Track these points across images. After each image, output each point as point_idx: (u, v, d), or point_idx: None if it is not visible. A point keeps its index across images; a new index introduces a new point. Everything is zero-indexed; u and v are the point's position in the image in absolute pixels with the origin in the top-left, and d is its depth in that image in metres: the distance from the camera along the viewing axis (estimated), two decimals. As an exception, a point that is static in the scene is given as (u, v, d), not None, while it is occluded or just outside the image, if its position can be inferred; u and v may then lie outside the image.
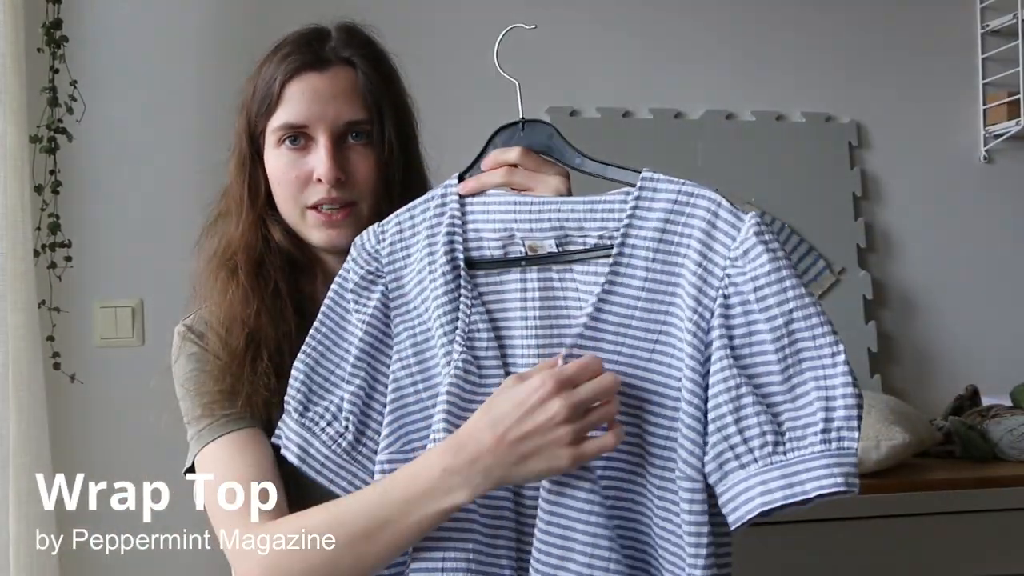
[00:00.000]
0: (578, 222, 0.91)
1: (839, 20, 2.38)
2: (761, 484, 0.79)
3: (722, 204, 0.86)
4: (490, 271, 0.94)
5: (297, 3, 2.07)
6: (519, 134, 1.00)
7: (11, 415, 1.69)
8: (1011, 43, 2.35)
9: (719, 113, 2.31)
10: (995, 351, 2.38)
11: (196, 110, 2.08)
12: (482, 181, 0.97)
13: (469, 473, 0.85)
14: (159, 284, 2.03)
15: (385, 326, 0.98)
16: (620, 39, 2.29)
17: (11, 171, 1.72)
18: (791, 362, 0.81)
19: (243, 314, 1.06)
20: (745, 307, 0.83)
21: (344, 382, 0.98)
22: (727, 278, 0.84)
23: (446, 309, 0.93)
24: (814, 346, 0.81)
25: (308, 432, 0.97)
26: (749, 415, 0.81)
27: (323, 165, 1.04)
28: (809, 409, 0.80)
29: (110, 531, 2.11)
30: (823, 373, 0.80)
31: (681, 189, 0.89)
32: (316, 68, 1.06)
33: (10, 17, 1.72)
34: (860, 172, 2.36)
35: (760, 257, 0.82)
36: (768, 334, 0.82)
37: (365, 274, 0.99)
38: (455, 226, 0.95)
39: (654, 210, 0.89)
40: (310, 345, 0.99)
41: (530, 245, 0.92)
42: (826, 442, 0.78)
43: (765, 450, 0.80)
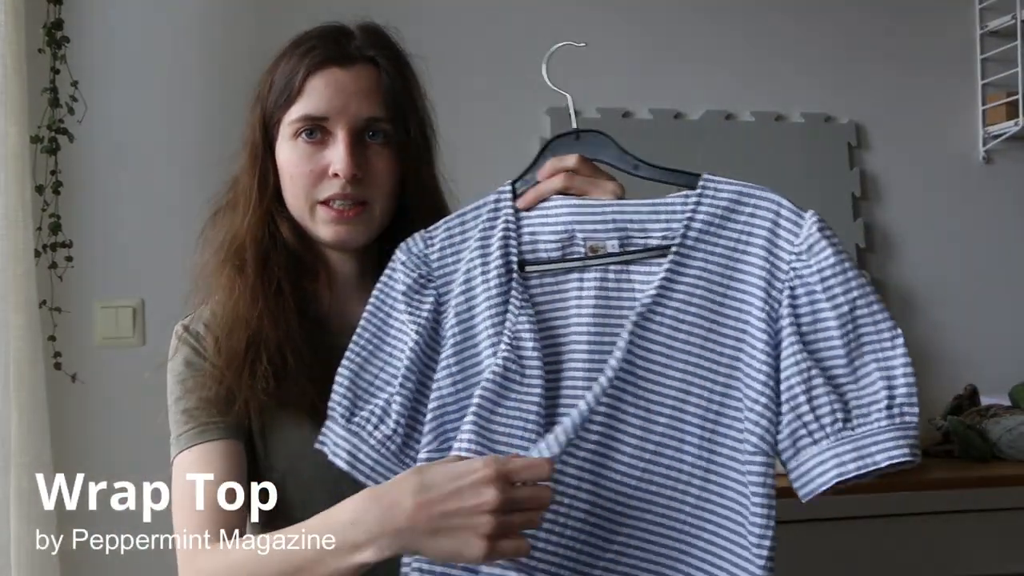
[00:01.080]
0: (641, 223, 0.95)
1: (839, 20, 2.38)
2: (835, 457, 0.85)
3: (783, 203, 0.93)
4: (545, 273, 0.96)
5: (297, 3, 2.08)
6: (574, 143, 1.02)
7: (12, 415, 1.69)
8: (1010, 44, 2.35)
9: (719, 113, 2.31)
10: (994, 351, 2.39)
11: (196, 110, 2.08)
12: (540, 191, 0.99)
13: (378, 530, 0.82)
14: (160, 284, 2.03)
15: (435, 331, 0.98)
16: (620, 39, 2.29)
17: (12, 171, 1.73)
18: (854, 346, 0.88)
19: (247, 314, 1.05)
20: (811, 297, 0.89)
21: (391, 385, 0.97)
22: (793, 271, 0.90)
23: (496, 311, 0.95)
24: (875, 331, 0.88)
25: (356, 437, 0.96)
26: (820, 395, 0.87)
27: (341, 160, 1.03)
28: (872, 387, 0.87)
29: (110, 531, 2.11)
30: (884, 355, 0.87)
31: (742, 190, 0.95)
32: (340, 63, 1.05)
33: (11, 18, 1.73)
34: (859, 172, 2.37)
35: (825, 251, 0.89)
36: (834, 320, 0.88)
37: (417, 278, 0.99)
38: (510, 231, 0.97)
39: (715, 210, 0.94)
40: (353, 351, 0.99)
41: (591, 246, 0.95)
42: (891, 417, 0.85)
43: (836, 426, 0.86)
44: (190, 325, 1.11)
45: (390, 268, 1.01)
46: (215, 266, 1.09)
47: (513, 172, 2.44)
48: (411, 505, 0.81)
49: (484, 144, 2.15)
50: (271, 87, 1.08)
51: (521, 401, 0.91)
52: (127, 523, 2.13)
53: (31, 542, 1.71)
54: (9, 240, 1.71)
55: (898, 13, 2.41)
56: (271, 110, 1.07)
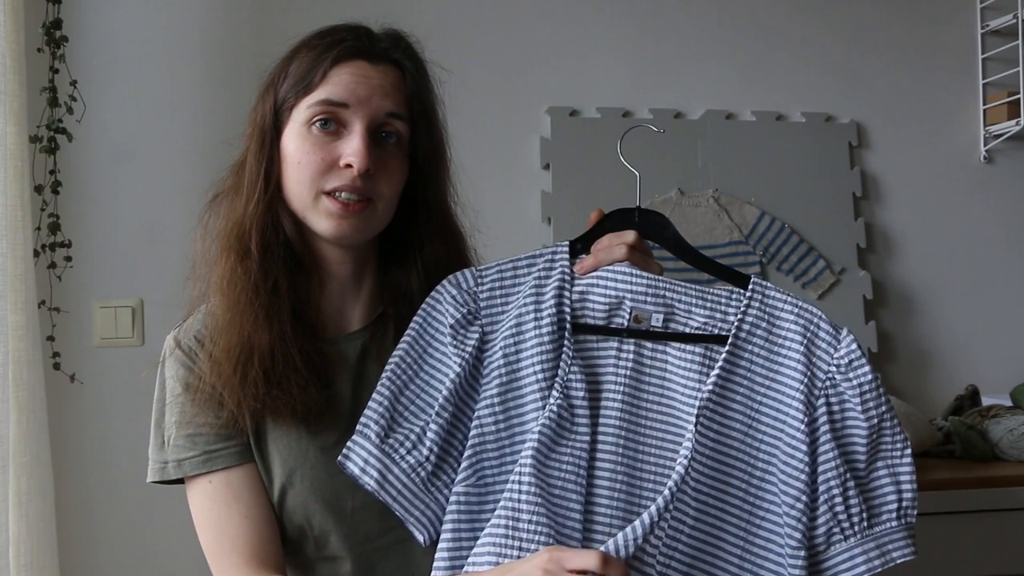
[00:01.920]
0: (687, 305, 1.02)
1: (839, 20, 2.38)
2: (863, 553, 0.97)
3: (822, 318, 1.02)
4: (588, 337, 1.02)
5: (297, 3, 2.08)
6: (633, 221, 1.06)
7: (11, 415, 1.68)
8: (1011, 43, 2.35)
9: (719, 113, 2.31)
10: (995, 351, 2.39)
11: (196, 110, 2.08)
12: (600, 259, 1.03)
13: None
14: (159, 284, 2.03)
15: (476, 367, 1.02)
16: (621, 39, 2.29)
17: (11, 171, 1.72)
18: (872, 454, 0.99)
19: (242, 315, 1.04)
20: (843, 406, 0.99)
21: (427, 412, 1.01)
22: (830, 381, 1.00)
23: (547, 363, 1.00)
24: (891, 443, 0.99)
25: (388, 459, 0.99)
26: (852, 496, 0.98)
27: (357, 152, 1.02)
28: (883, 491, 0.99)
29: (110, 530, 2.12)
30: (895, 464, 0.99)
31: (787, 299, 1.03)
32: (368, 58, 1.05)
33: (10, 17, 1.72)
34: (860, 172, 2.36)
35: (863, 367, 1.00)
36: (863, 431, 0.99)
37: (466, 313, 1.03)
38: (564, 289, 1.03)
39: (762, 315, 1.02)
40: (395, 372, 1.02)
41: (636, 315, 1.02)
42: (899, 518, 0.98)
43: (862, 525, 0.98)
44: (183, 340, 1.09)
45: (436, 297, 1.04)
46: (216, 253, 1.08)
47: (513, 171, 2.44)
48: None
49: (484, 144, 2.15)
50: (286, 75, 1.06)
51: (573, 447, 0.98)
52: (127, 523, 2.13)
53: (31, 542, 1.71)
54: (8, 240, 1.71)
55: (899, 13, 2.41)
56: (285, 96, 1.06)
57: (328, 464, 1.05)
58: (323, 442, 1.06)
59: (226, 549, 1.03)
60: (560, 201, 2.22)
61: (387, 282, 1.13)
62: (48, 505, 1.79)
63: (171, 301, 2.05)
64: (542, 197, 2.23)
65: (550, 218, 2.22)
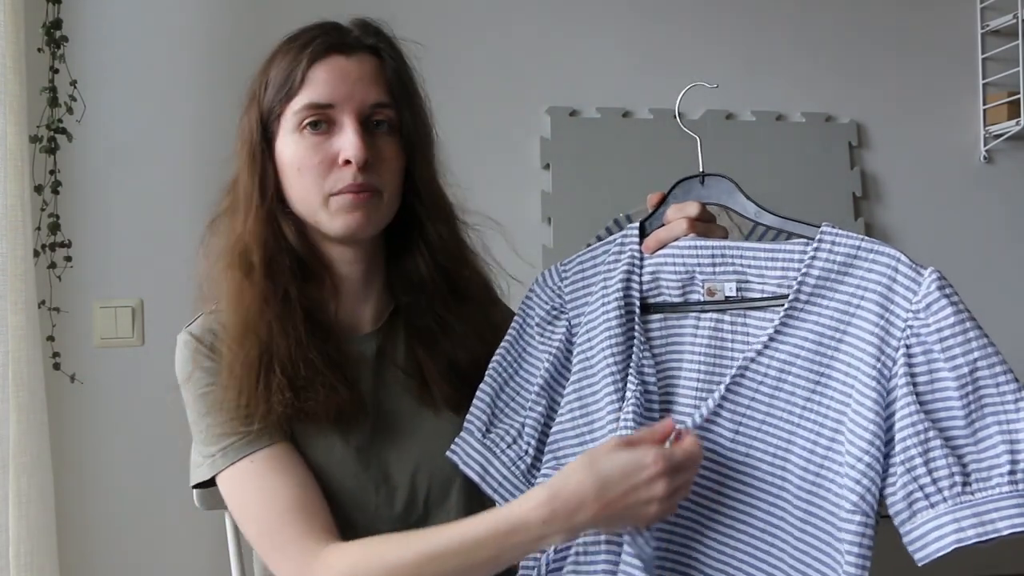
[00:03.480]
0: (759, 269, 0.96)
1: (839, 20, 2.38)
2: (954, 522, 0.84)
3: (901, 259, 0.91)
4: (669, 315, 1.00)
5: (296, 4, 2.08)
6: (698, 186, 1.05)
7: (11, 415, 1.68)
8: (1011, 43, 2.35)
9: (719, 113, 2.31)
10: (995, 351, 2.38)
11: (196, 110, 2.08)
12: (661, 237, 1.01)
13: (566, 525, 0.89)
14: (159, 284, 2.03)
15: (567, 359, 1.04)
16: (620, 39, 2.29)
17: (11, 171, 1.72)
18: (974, 408, 0.86)
19: (255, 324, 1.03)
20: (928, 356, 0.88)
21: (525, 409, 1.04)
22: (909, 329, 0.88)
23: (616, 348, 0.98)
24: (997, 393, 0.86)
25: (490, 452, 1.03)
26: (937, 457, 0.85)
27: (352, 145, 1.01)
28: (993, 451, 0.85)
29: (110, 531, 2.12)
30: (1007, 418, 0.85)
31: (861, 244, 0.93)
32: (342, 52, 1.04)
33: (10, 17, 1.72)
34: (860, 172, 2.36)
35: (944, 310, 0.87)
36: (953, 381, 0.86)
37: (550, 308, 1.06)
38: (633, 272, 1.01)
39: (832, 264, 0.93)
40: (496, 370, 1.06)
41: (709, 288, 0.98)
42: (1013, 483, 0.83)
43: (954, 490, 0.85)
44: (201, 335, 1.08)
45: (528, 298, 1.08)
46: (220, 271, 1.07)
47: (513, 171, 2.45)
48: (594, 506, 0.87)
49: (484, 143, 2.15)
50: (267, 85, 1.06)
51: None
52: (127, 524, 2.13)
53: (31, 542, 1.71)
54: (8, 240, 1.71)
55: (899, 13, 2.41)
56: (270, 106, 1.05)
57: (358, 465, 1.05)
58: (353, 443, 1.06)
59: (284, 520, 1.00)
60: (560, 201, 2.22)
61: (397, 275, 1.13)
62: (48, 505, 1.79)
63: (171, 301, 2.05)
64: (542, 197, 2.23)
65: (550, 218, 2.22)
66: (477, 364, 1.09)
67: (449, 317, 1.11)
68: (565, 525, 0.88)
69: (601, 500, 0.87)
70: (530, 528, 0.89)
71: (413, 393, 1.11)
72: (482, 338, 1.11)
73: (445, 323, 1.11)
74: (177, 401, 1.12)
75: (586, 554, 0.96)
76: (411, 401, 1.10)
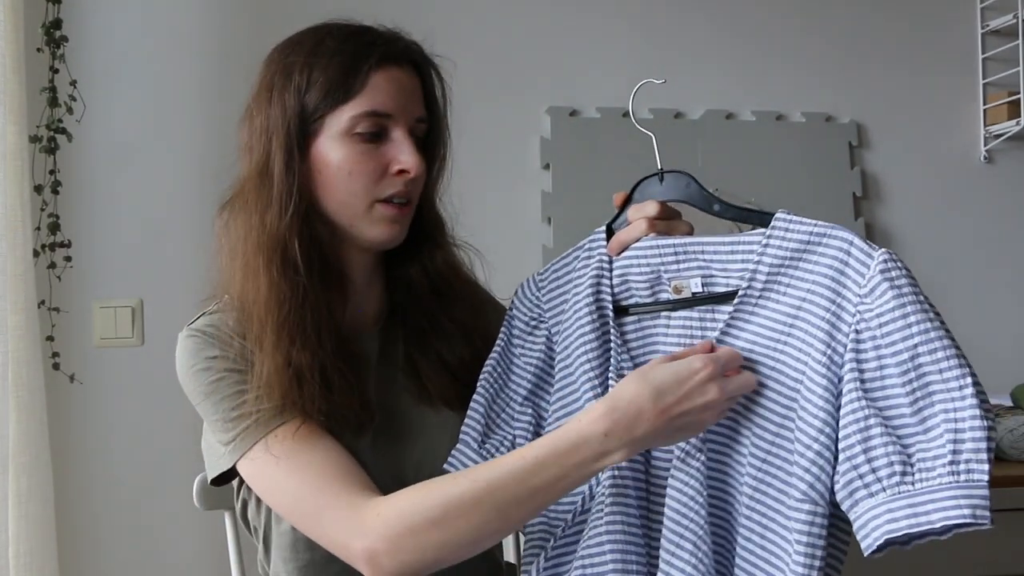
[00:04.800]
0: (722, 263, 0.96)
1: (839, 20, 2.38)
2: (888, 512, 0.81)
3: (854, 243, 0.89)
4: (642, 316, 1.00)
5: (296, 4, 2.07)
6: (657, 184, 1.05)
7: (11, 415, 1.68)
8: (1011, 43, 2.34)
9: (719, 113, 2.31)
10: (995, 351, 2.38)
11: (196, 110, 2.08)
12: (622, 240, 1.02)
13: (627, 437, 0.89)
14: (159, 284, 2.03)
15: (549, 367, 1.05)
16: (620, 39, 2.29)
17: (11, 171, 1.72)
18: (920, 395, 0.83)
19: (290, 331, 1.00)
20: (875, 342, 0.86)
21: (514, 420, 1.05)
22: (858, 314, 0.87)
23: (591, 352, 0.99)
24: (941, 379, 0.83)
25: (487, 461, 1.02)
26: (877, 446, 0.83)
27: (411, 157, 1.03)
28: (939, 441, 0.81)
29: (110, 530, 2.11)
30: (952, 405, 0.81)
31: (813, 230, 0.92)
32: (398, 62, 1.05)
33: (10, 17, 1.72)
34: (860, 172, 2.36)
35: (884, 295, 0.85)
36: (895, 368, 0.84)
37: (529, 319, 1.07)
38: (603, 275, 1.01)
39: (784, 251, 0.92)
40: (486, 381, 1.06)
41: (675, 285, 0.98)
42: (954, 474, 0.79)
43: (892, 480, 0.82)
44: (205, 329, 1.06)
45: (510, 309, 1.09)
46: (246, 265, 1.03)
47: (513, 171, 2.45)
48: (653, 413, 0.88)
49: (484, 144, 2.15)
50: (309, 80, 1.03)
51: None
52: (127, 523, 2.13)
53: (31, 542, 1.71)
54: (8, 240, 1.71)
55: (899, 12, 2.41)
56: (316, 104, 1.03)
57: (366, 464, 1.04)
58: (362, 444, 1.05)
59: (322, 483, 0.97)
60: (560, 201, 2.22)
61: (392, 277, 1.14)
62: (48, 505, 1.79)
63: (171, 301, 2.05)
64: (542, 197, 2.23)
65: (550, 218, 2.22)
66: (465, 364, 1.11)
67: (440, 317, 1.12)
68: (626, 437, 0.89)
69: (658, 406, 0.88)
70: (591, 443, 0.89)
71: (412, 391, 1.11)
72: (469, 340, 1.12)
73: (435, 322, 1.12)
74: (177, 401, 1.11)
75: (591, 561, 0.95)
76: (411, 399, 1.11)
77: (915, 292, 0.86)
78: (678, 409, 0.88)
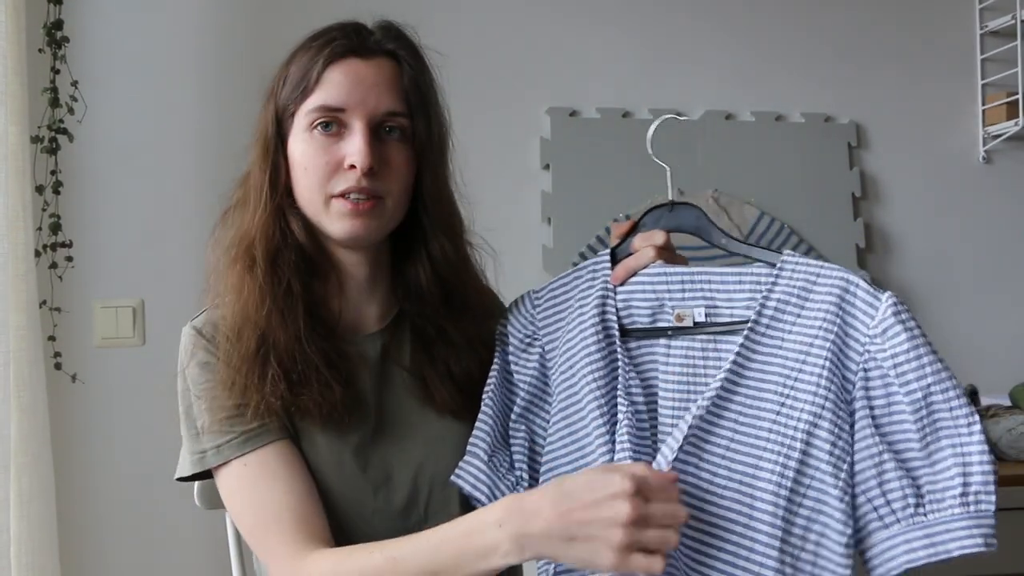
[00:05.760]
0: (727, 293, 0.98)
1: (839, 20, 2.39)
2: (905, 543, 0.86)
3: (860, 285, 0.93)
4: (641, 340, 1.01)
5: (296, 4, 2.08)
6: (667, 214, 1.06)
7: (12, 415, 1.69)
8: (1010, 44, 2.35)
9: (719, 113, 2.31)
10: (994, 351, 2.39)
11: (197, 110, 2.08)
12: (630, 266, 1.03)
13: (520, 531, 0.85)
14: (160, 284, 2.04)
15: (543, 385, 1.06)
16: (620, 39, 2.29)
17: (12, 171, 1.72)
18: (929, 431, 0.88)
19: (256, 315, 1.03)
20: (885, 380, 0.90)
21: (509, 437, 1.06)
22: (867, 353, 0.90)
23: (599, 375, 0.99)
24: (951, 417, 0.87)
25: (496, 474, 1.04)
26: (891, 479, 0.87)
27: (358, 151, 1.01)
28: (947, 474, 0.86)
29: (111, 530, 2.12)
30: (960, 441, 0.87)
31: (819, 272, 0.95)
32: (360, 55, 1.04)
33: (11, 18, 1.72)
34: (859, 172, 2.37)
35: (899, 336, 0.89)
36: (908, 406, 0.88)
37: (523, 336, 1.08)
38: (608, 297, 1.02)
39: (792, 290, 0.95)
40: (490, 397, 1.06)
41: (678, 314, 0.99)
42: (965, 505, 0.86)
43: (907, 512, 0.87)
44: (202, 328, 1.08)
45: (502, 324, 1.09)
46: (226, 265, 1.07)
47: (513, 171, 2.45)
48: (550, 512, 0.84)
49: (484, 144, 2.16)
50: (285, 80, 1.06)
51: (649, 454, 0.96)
52: (127, 522, 2.13)
53: (32, 542, 1.71)
54: (9, 240, 1.71)
55: (898, 13, 2.41)
56: (285, 103, 1.05)
57: (356, 464, 1.05)
58: (352, 442, 1.06)
59: (270, 527, 1.00)
60: (560, 201, 2.22)
61: (400, 280, 1.13)
62: (49, 505, 1.79)
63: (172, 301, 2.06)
64: (542, 197, 2.23)
65: (550, 218, 2.22)
66: (470, 375, 1.10)
67: (446, 326, 1.12)
68: (518, 530, 0.84)
69: (558, 508, 0.83)
70: (484, 531, 0.86)
71: (416, 394, 1.11)
72: (474, 350, 1.12)
73: (442, 331, 1.12)
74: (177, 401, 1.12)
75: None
76: (414, 402, 1.11)
77: (924, 335, 0.90)
78: (578, 516, 0.82)
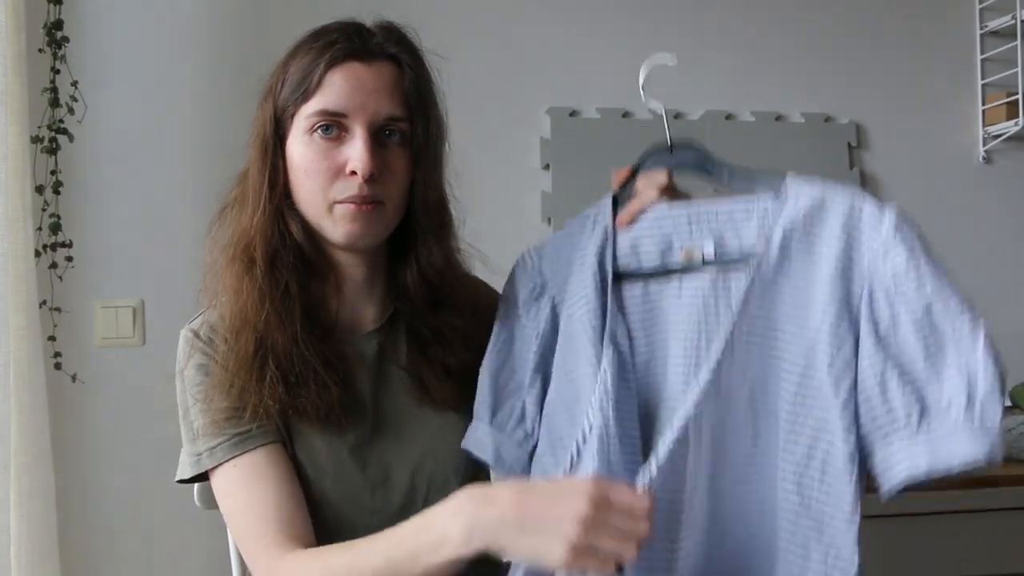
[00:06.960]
0: (735, 225, 0.96)
1: (839, 21, 2.39)
2: (907, 457, 0.85)
3: (865, 202, 0.91)
4: (650, 282, 0.99)
5: (296, 4, 2.08)
6: (667, 156, 1.05)
7: (12, 415, 1.69)
8: (1010, 44, 2.35)
9: (719, 113, 2.31)
10: (994, 351, 2.39)
11: (196, 110, 2.08)
12: (634, 209, 1.02)
13: (473, 522, 0.84)
14: (160, 284, 2.04)
15: (555, 335, 1.04)
16: (620, 39, 2.29)
17: (12, 171, 1.72)
18: (932, 345, 0.86)
19: (254, 318, 1.03)
20: (888, 296, 0.89)
21: (524, 388, 1.04)
22: (871, 271, 0.90)
23: (595, 320, 0.98)
24: (953, 328, 0.86)
25: (500, 433, 1.03)
26: (895, 395, 0.86)
27: (360, 158, 1.00)
28: (951, 385, 0.85)
29: (111, 530, 2.12)
30: (963, 352, 0.85)
31: (824, 194, 0.94)
32: (361, 59, 1.03)
33: (11, 18, 1.73)
34: (859, 172, 2.37)
35: (899, 253, 0.88)
36: (909, 321, 0.87)
37: (532, 288, 1.07)
38: (606, 243, 1.01)
39: (798, 214, 0.94)
40: (490, 354, 1.06)
41: (686, 251, 0.97)
42: (970, 419, 0.83)
43: (910, 427, 0.85)
44: (199, 330, 1.08)
45: (510, 281, 1.09)
46: (223, 265, 1.07)
47: (513, 171, 2.45)
48: (508, 500, 0.83)
49: (484, 144, 2.16)
50: (285, 80, 1.05)
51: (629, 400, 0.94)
52: (127, 522, 2.13)
53: (32, 542, 1.71)
54: (9, 240, 1.71)
55: (898, 13, 2.41)
56: (285, 104, 1.04)
57: (354, 464, 1.06)
58: (349, 442, 1.06)
59: (255, 529, 1.01)
60: (560, 201, 2.22)
61: (392, 280, 1.13)
62: (49, 505, 1.79)
63: (172, 301, 2.05)
64: (542, 197, 2.23)
65: (550, 218, 2.22)
66: (467, 367, 1.10)
67: (440, 327, 1.12)
68: (471, 517, 0.84)
69: (516, 498, 0.83)
70: (439, 522, 0.86)
71: (414, 393, 1.11)
72: (471, 342, 1.12)
73: (436, 332, 1.12)
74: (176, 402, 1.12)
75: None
76: (412, 400, 1.11)
77: (925, 249, 0.89)
78: (535, 507, 0.82)
